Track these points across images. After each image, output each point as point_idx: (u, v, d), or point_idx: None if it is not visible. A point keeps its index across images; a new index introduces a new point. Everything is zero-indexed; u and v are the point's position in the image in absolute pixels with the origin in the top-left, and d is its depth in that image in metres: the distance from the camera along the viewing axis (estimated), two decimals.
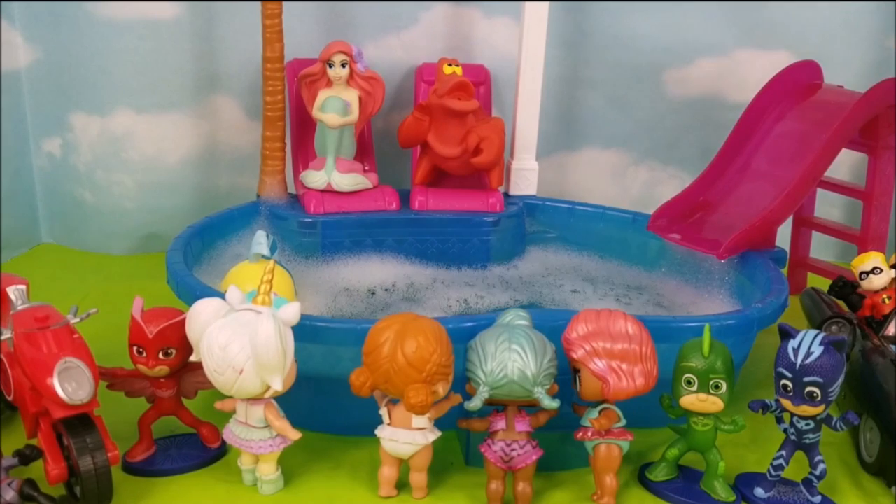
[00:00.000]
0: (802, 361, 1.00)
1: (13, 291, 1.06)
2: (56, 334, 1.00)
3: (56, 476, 0.99)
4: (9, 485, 0.98)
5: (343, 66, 1.56)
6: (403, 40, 1.82)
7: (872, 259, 1.40)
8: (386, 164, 1.74)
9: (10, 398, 1.07)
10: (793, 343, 1.02)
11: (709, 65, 1.88)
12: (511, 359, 1.00)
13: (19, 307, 1.05)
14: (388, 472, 1.07)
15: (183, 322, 1.05)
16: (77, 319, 1.03)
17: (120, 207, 1.82)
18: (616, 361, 1.02)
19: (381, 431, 1.06)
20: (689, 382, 1.05)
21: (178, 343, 1.07)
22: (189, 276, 1.26)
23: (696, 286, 1.49)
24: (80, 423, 0.99)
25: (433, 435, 1.05)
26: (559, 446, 1.11)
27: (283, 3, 1.56)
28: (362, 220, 1.58)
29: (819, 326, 1.39)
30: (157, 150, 1.80)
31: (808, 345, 1.01)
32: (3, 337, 1.03)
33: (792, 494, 1.09)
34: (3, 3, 1.70)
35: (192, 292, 1.18)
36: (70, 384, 0.96)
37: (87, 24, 1.71)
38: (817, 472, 1.07)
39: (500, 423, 1.05)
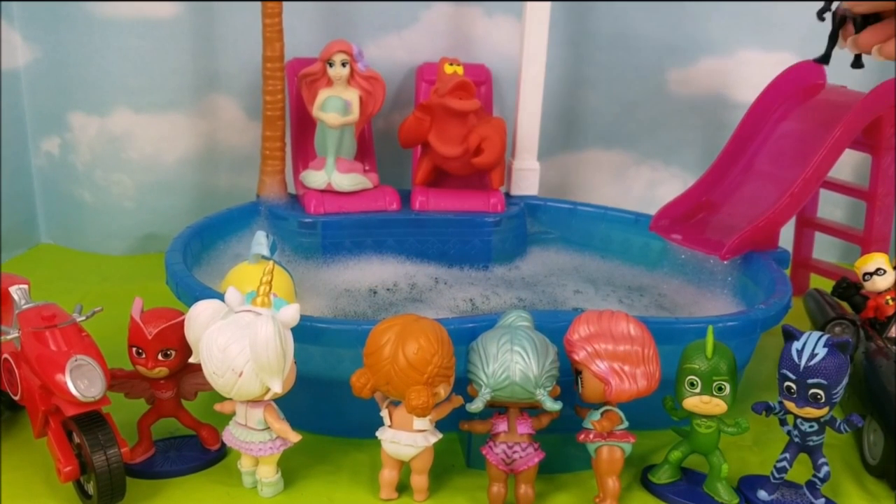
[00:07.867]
0: (806, 363, 1.00)
1: (16, 291, 1.06)
2: (65, 332, 1.00)
3: (69, 474, 0.98)
4: None
5: (343, 65, 1.55)
6: (404, 39, 1.81)
7: (876, 260, 1.40)
8: (386, 164, 1.73)
9: (16, 398, 1.06)
10: (797, 345, 1.01)
11: (712, 65, 1.88)
12: (513, 360, 0.99)
13: (24, 306, 1.04)
14: (388, 475, 1.06)
15: (182, 323, 1.04)
16: (82, 318, 1.03)
17: (119, 207, 1.82)
18: (618, 363, 1.01)
19: (381, 433, 1.05)
20: (692, 384, 1.04)
21: (177, 344, 1.07)
22: (188, 277, 1.25)
23: (699, 287, 1.48)
24: (90, 420, 0.98)
25: (434, 437, 1.05)
26: (561, 449, 1.10)
27: (284, 2, 1.55)
28: (363, 220, 1.58)
29: (822, 328, 1.39)
30: (156, 150, 1.79)
31: (812, 346, 1.00)
32: (9, 336, 1.03)
33: (795, 497, 1.08)
34: (1, 2, 1.69)
35: (192, 293, 1.18)
36: (82, 381, 0.96)
37: (85, 24, 1.70)
38: (821, 475, 1.06)
39: (502, 426, 1.04)
